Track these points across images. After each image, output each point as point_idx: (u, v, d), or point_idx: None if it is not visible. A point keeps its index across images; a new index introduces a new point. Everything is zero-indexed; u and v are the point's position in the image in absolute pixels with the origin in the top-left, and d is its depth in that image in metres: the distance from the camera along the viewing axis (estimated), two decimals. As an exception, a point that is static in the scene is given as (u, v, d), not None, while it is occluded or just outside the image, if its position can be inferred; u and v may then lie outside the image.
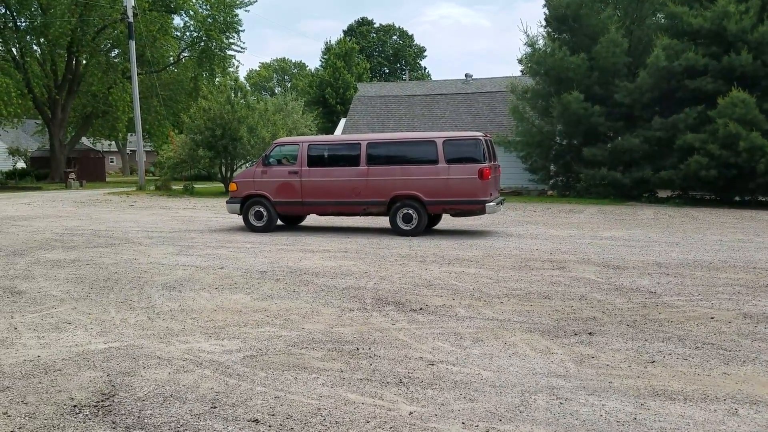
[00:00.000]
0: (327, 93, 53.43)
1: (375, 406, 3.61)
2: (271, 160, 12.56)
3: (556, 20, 22.74)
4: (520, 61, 24.16)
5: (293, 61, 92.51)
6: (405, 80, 61.64)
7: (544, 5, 23.26)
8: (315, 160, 12.20)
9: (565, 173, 23.14)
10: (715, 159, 18.46)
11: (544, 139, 23.23)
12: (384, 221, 14.25)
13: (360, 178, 11.85)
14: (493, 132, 27.56)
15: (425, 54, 78.43)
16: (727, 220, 14.98)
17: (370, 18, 75.78)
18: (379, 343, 4.85)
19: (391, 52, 74.50)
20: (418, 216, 11.65)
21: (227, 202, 13.02)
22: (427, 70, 77.59)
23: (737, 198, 20.47)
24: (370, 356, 4.51)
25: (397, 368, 4.25)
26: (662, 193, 21.65)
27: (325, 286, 7.01)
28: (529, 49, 23.03)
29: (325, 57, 60.50)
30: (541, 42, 23.14)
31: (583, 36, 21.96)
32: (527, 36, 23.50)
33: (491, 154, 11.98)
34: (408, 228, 11.70)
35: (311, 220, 14.49)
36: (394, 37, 75.70)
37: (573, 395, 3.75)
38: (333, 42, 60.92)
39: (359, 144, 12.05)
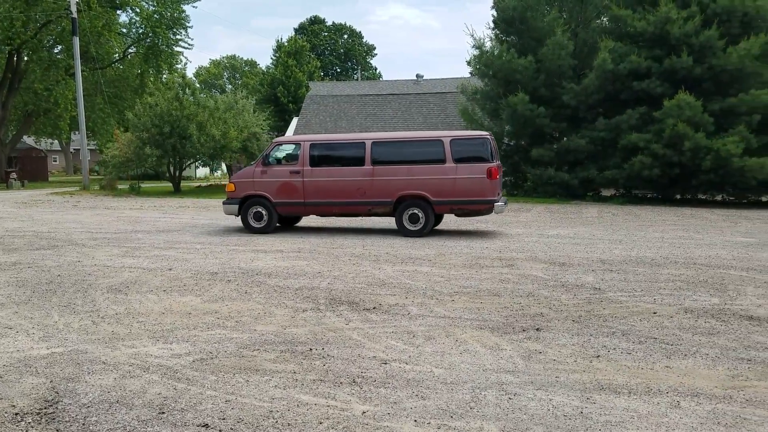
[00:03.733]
0: (279, 91, 52.92)
1: (328, 406, 3.61)
2: (270, 159, 12.21)
3: (503, 22, 23.14)
4: (468, 63, 24.46)
5: (244, 58, 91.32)
6: (357, 79, 61.62)
7: (492, 7, 23.63)
8: (317, 160, 11.90)
9: (514, 173, 23.58)
10: (658, 158, 19.13)
11: (493, 139, 23.54)
12: (339, 221, 14.22)
13: (365, 178, 11.61)
14: (444, 132, 27.86)
15: (375, 53, 78.73)
16: (668, 217, 15.55)
17: (321, 17, 75.51)
18: (333, 343, 4.84)
19: (342, 51, 74.43)
20: (425, 216, 11.52)
21: (224, 203, 12.65)
22: (378, 70, 77.88)
23: (678, 196, 21.30)
24: (323, 356, 4.50)
25: (350, 368, 4.25)
26: (606, 192, 22.33)
27: (277, 287, 6.95)
28: (477, 51, 23.36)
29: (276, 55, 59.92)
30: (488, 44, 23.51)
31: (530, 38, 22.41)
32: (475, 38, 23.84)
33: (496, 153, 11.92)
34: (415, 228, 11.56)
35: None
36: (345, 36, 75.66)
37: (521, 390, 3.83)
38: (284, 40, 60.37)
39: (364, 143, 11.77)
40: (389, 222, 14.25)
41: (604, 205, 19.48)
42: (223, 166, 40.95)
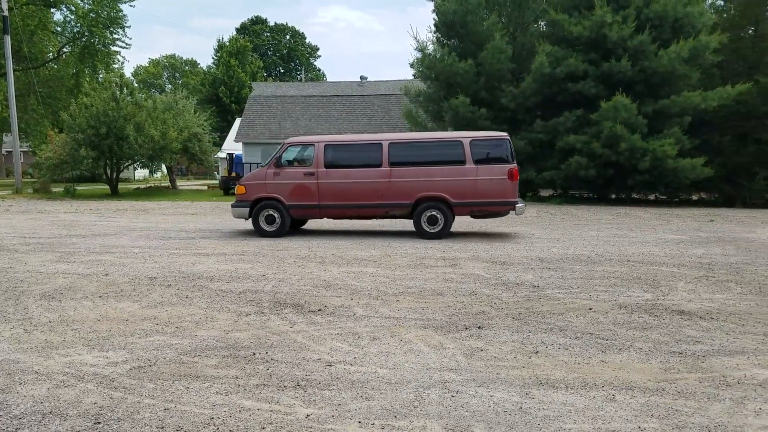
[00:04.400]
0: (221, 91, 52.02)
1: (271, 411, 3.57)
2: (283, 161, 11.84)
3: (444, 26, 23.47)
4: (412, 66, 24.68)
5: (184, 58, 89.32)
6: (301, 80, 61.21)
7: (433, 11, 23.92)
8: (332, 161, 11.64)
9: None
10: (595, 159, 19.79)
11: (437, 141, 23.84)
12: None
13: (382, 180, 11.43)
14: (389, 133, 28.04)
15: (319, 54, 78.49)
16: (603, 216, 16.11)
17: (263, 17, 74.64)
18: (277, 346, 4.80)
19: (285, 51, 73.79)
20: (444, 218, 11.41)
21: (233, 206, 12.17)
22: (322, 71, 77.63)
23: (614, 196, 22.09)
24: (267, 361, 4.45)
25: (294, 371, 4.22)
26: (545, 193, 22.94)
27: (220, 291, 6.83)
28: (419, 54, 23.61)
29: (217, 55, 58.87)
30: (431, 47, 23.80)
31: (471, 42, 22.81)
32: (417, 41, 24.09)
33: (513, 154, 11.86)
34: (433, 230, 11.43)
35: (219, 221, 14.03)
36: (287, 37, 75.05)
37: (464, 388, 3.89)
38: (226, 40, 59.37)
39: (380, 144, 11.57)
40: (336, 224, 14.23)
41: (542, 205, 20.01)
42: (163, 168, 39.93)
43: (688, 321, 5.49)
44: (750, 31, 22.10)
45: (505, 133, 11.92)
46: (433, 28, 24.25)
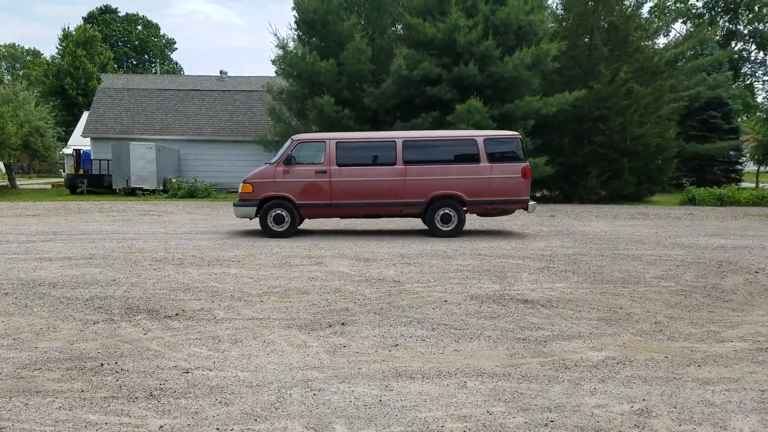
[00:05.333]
0: (66, 83, 48.06)
1: (121, 424, 3.38)
2: (293, 158, 11.39)
3: (305, 24, 23.43)
4: (273, 63, 24.38)
5: (26, 48, 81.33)
6: (156, 73, 58.11)
7: (293, 8, 23.78)
8: (345, 159, 11.37)
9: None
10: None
11: (301, 139, 23.77)
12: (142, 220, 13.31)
13: (397, 178, 11.33)
14: (252, 131, 27.51)
15: (176, 47, 75.07)
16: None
17: (113, 6, 69.85)
18: (128, 355, 4.55)
19: (137, 42, 69.65)
20: (458, 216, 11.40)
21: (237, 206, 11.59)
22: (179, 64, 74.23)
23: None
24: (116, 371, 4.21)
25: (147, 381, 4.03)
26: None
27: (64, 298, 6.32)
28: (281, 51, 23.39)
29: (63, 45, 54.28)
30: (292, 45, 23.66)
31: (332, 42, 22.97)
32: (278, 38, 23.84)
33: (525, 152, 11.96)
34: (447, 229, 11.42)
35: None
36: (140, 27, 70.92)
37: (326, 385, 3.94)
38: (72, 29, 54.91)
39: (394, 142, 11.48)
40: (195, 224, 13.72)
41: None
42: (1, 166, 36.05)
43: (531, 309, 5.96)
44: (586, 40, 24.31)
45: (516, 132, 12.15)
46: (294, 26, 24.09)
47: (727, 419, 3.43)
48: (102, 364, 4.35)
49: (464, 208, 11.53)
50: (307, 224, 13.70)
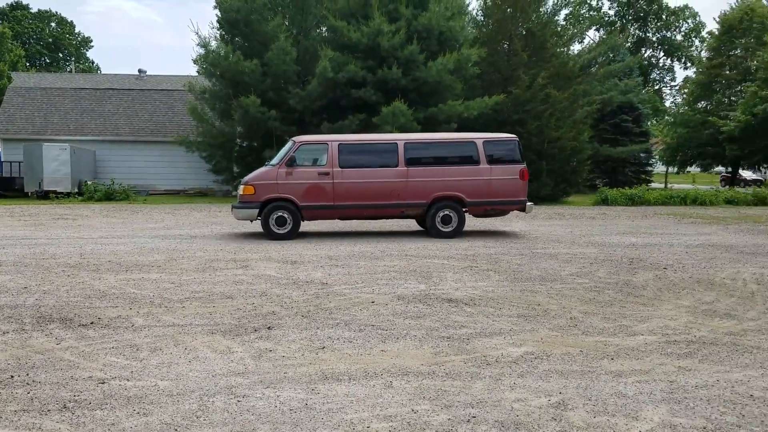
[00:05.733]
0: (-30, 80, 44.94)
1: (32, 439, 3.21)
2: (295, 160, 11.35)
3: (228, 23, 23.03)
4: (195, 62, 23.78)
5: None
6: (71, 72, 55.40)
7: (215, 7, 23.31)
8: (347, 161, 11.42)
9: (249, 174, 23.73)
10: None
11: (225, 140, 23.37)
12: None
13: (399, 180, 11.45)
14: (173, 131, 26.70)
15: (92, 45, 71.81)
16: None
17: (25, 2, 66.00)
18: (40, 367, 4.32)
19: (50, 40, 66.14)
20: (458, 217, 11.55)
21: (237, 208, 11.50)
22: (95, 63, 71.08)
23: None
24: (27, 383, 3.99)
25: (60, 392, 3.84)
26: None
27: (-33, 310, 5.92)
28: (203, 51, 22.86)
29: (-33, 40, 50.79)
30: (214, 44, 23.19)
31: (256, 42, 22.68)
32: (200, 37, 23.27)
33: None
34: (448, 230, 11.56)
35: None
36: (53, 25, 67.39)
37: (250, 391, 3.88)
38: (-23, 24, 51.53)
39: (396, 144, 11.64)
40: (113, 228, 13.20)
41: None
42: None
43: (455, 308, 6.09)
44: (505, 46, 25.09)
45: (514, 135, 12.51)
46: (217, 25, 23.59)
47: (639, 409, 3.62)
48: (12, 376, 4.11)
49: (464, 209, 11.74)
50: (234, 224, 13.44)
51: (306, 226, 13.74)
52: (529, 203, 12.00)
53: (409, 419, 3.47)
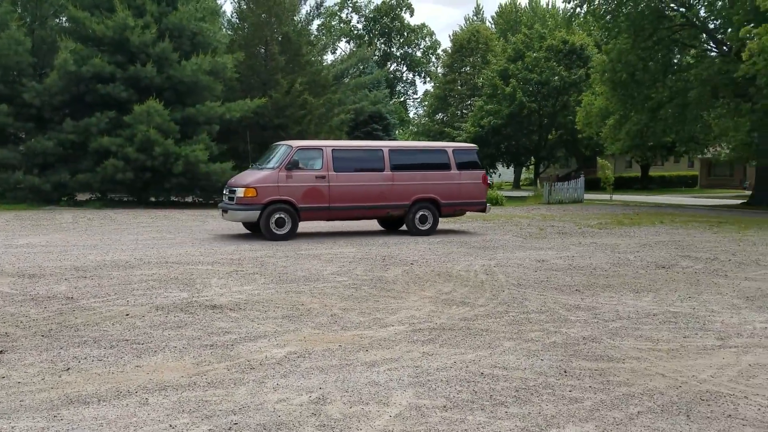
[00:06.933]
0: None
1: None
2: (295, 164, 11.80)
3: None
4: None
5: None
6: None
7: None
8: (340, 165, 12.18)
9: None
10: (131, 162, 19.58)
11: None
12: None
13: (386, 183, 12.48)
14: None
15: None
16: (143, 219, 16.06)
17: None
18: None
19: None
20: (433, 217, 12.84)
21: (238, 210, 11.71)
22: None
23: (153, 198, 22.26)
24: None
25: None
26: (82, 196, 21.60)
27: None
28: None
29: None
30: None
31: (-18, 29, 19.80)
32: None
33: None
34: (425, 228, 12.80)
35: None
36: None
37: (-23, 427, 3.39)
38: None
39: (381, 150, 12.78)
40: None
41: (80, 210, 18.73)
42: None
43: (220, 314, 5.99)
44: (263, 50, 25.28)
45: (474, 145, 14.65)
46: None
47: (390, 395, 3.96)
48: None
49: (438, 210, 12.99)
50: None
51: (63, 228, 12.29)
52: (488, 204, 13.84)
53: (168, 434, 3.34)
